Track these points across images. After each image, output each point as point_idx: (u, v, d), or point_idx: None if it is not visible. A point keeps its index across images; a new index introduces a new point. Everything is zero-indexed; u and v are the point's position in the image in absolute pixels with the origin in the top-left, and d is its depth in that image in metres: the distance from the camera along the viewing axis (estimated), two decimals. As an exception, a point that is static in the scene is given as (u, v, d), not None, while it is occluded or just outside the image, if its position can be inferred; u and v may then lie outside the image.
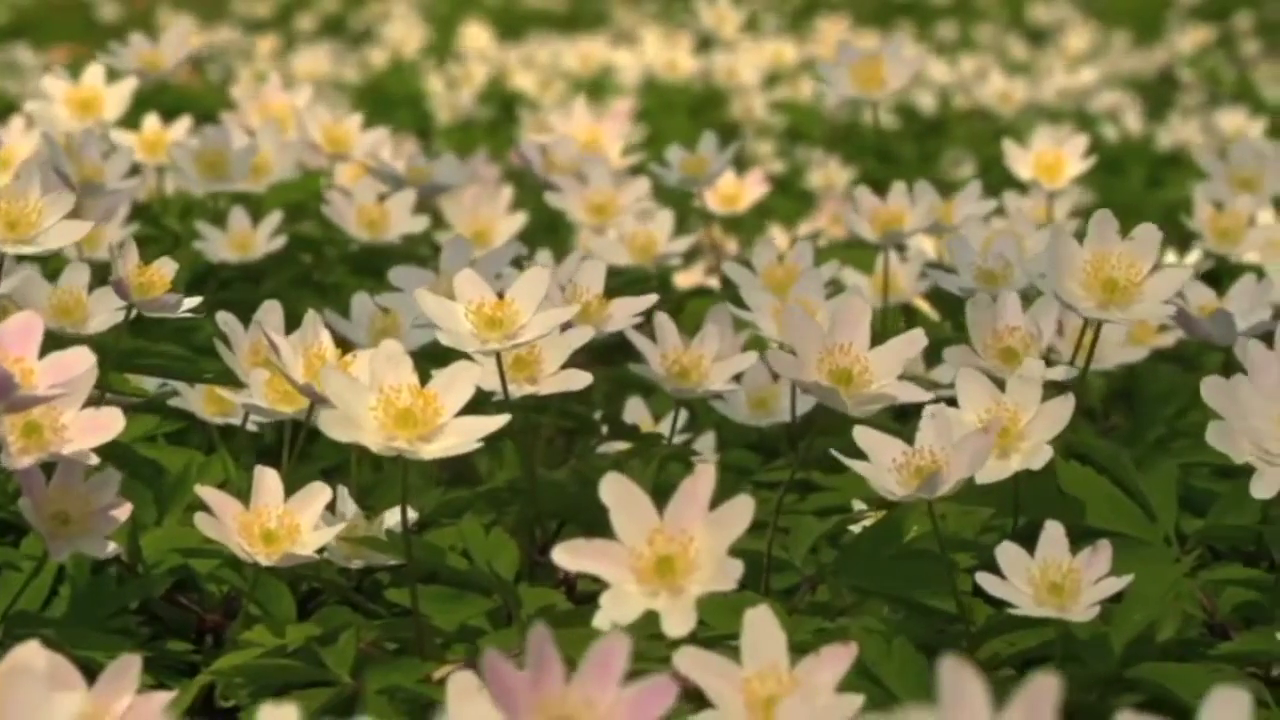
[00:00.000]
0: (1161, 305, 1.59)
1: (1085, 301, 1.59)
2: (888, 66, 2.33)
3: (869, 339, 1.48)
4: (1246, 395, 1.46)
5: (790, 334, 1.47)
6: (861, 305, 1.48)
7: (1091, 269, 1.58)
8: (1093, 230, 1.59)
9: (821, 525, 1.60)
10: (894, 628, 1.49)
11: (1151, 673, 1.46)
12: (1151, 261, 1.59)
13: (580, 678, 1.09)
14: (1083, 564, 1.42)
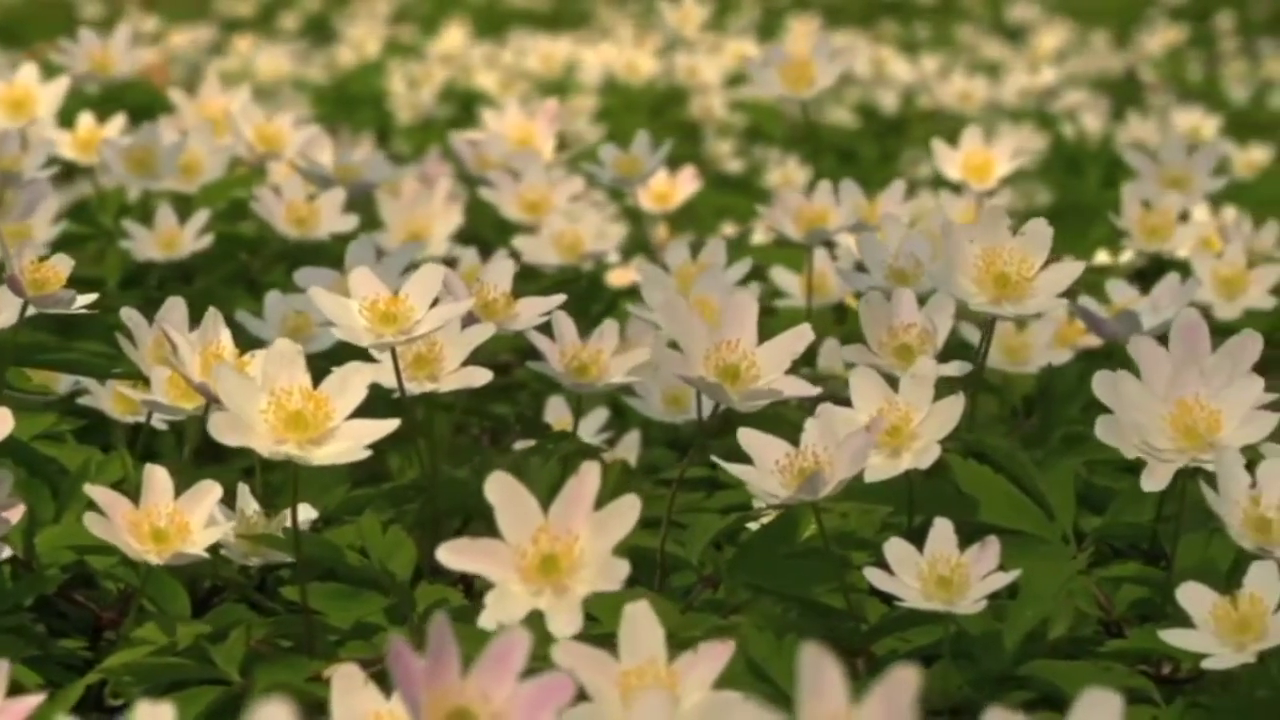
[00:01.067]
0: (1054, 300, 1.59)
1: (977, 297, 1.59)
2: (816, 66, 2.33)
3: (756, 335, 1.48)
4: (1132, 390, 1.46)
5: (676, 330, 1.47)
6: (749, 301, 1.49)
7: (983, 265, 1.59)
8: (983, 226, 1.59)
9: (718, 523, 1.60)
10: (786, 626, 1.49)
11: (1042, 670, 1.46)
12: (1043, 257, 1.59)
13: (478, 671, 1.10)
14: (971, 559, 1.42)
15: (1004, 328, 2.08)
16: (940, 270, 1.59)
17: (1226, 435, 1.45)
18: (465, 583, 1.62)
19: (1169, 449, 1.45)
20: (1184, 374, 1.46)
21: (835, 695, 0.97)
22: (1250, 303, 2.20)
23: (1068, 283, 1.59)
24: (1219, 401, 1.45)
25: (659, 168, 2.44)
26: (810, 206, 2.10)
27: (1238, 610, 1.35)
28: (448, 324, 1.58)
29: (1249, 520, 1.39)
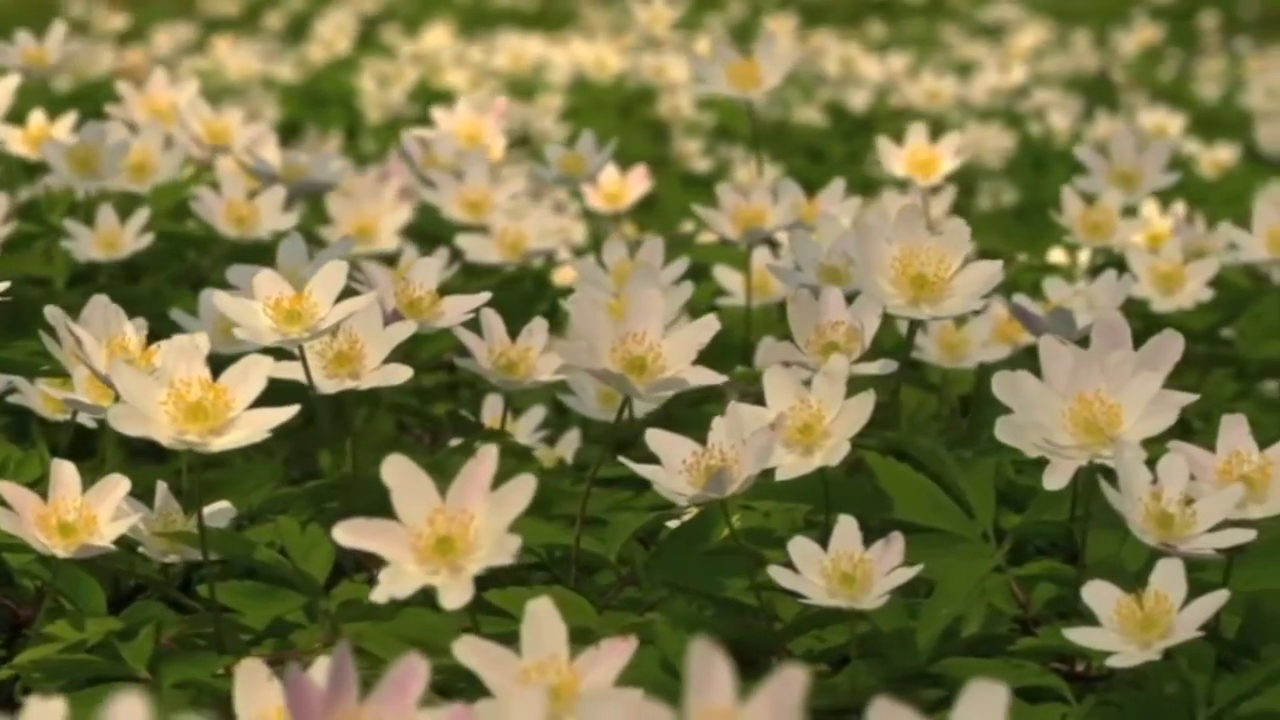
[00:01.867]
0: (972, 300, 1.59)
1: (895, 298, 1.59)
2: (762, 65, 2.33)
3: (663, 327, 1.49)
4: (1031, 389, 1.46)
5: (582, 324, 1.48)
6: (655, 295, 1.49)
7: (900, 265, 1.59)
8: (900, 226, 1.59)
9: (637, 521, 1.60)
10: (700, 624, 1.49)
11: (954, 668, 1.47)
12: (962, 257, 1.59)
13: (376, 698, 1.09)
14: (875, 556, 1.42)
15: (942, 325, 2.08)
16: (857, 271, 1.59)
17: (1127, 430, 1.45)
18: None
19: (1070, 445, 1.45)
20: (1085, 370, 1.46)
21: (723, 692, 0.98)
22: (1188, 297, 2.20)
23: (986, 283, 1.59)
24: (1119, 396, 1.46)
25: (604, 166, 2.44)
26: (747, 206, 2.11)
27: (1143, 608, 1.36)
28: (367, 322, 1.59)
29: (1151, 516, 1.40)
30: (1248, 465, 1.47)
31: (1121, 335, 1.60)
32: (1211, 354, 2.34)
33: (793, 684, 0.94)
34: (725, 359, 2.10)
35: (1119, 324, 1.61)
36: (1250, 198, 3.65)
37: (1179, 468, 1.42)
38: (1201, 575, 1.49)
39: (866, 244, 1.59)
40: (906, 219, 1.59)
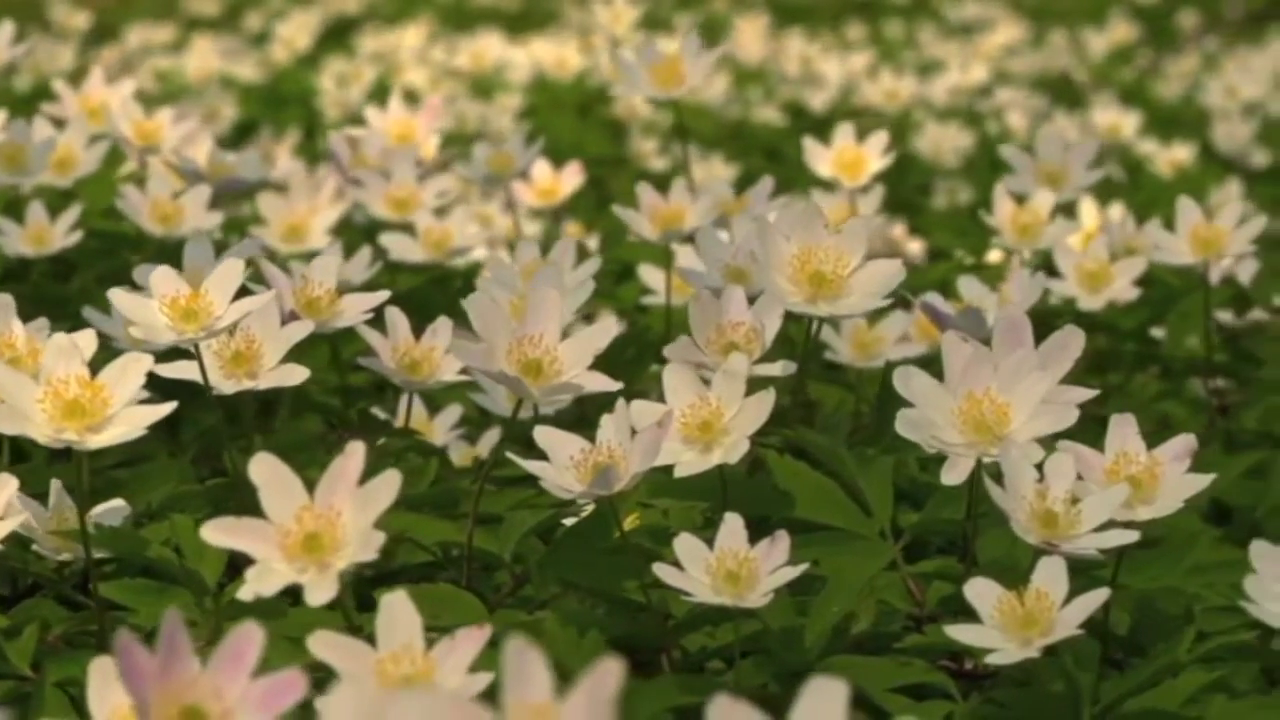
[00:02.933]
0: (872, 299, 1.59)
1: (793, 296, 1.59)
2: (686, 64, 2.33)
3: (560, 330, 1.48)
4: (924, 385, 1.46)
5: (480, 325, 1.47)
6: (554, 296, 1.49)
7: (798, 263, 1.58)
8: (800, 224, 1.59)
9: (532, 518, 1.60)
10: (590, 622, 1.49)
11: (840, 665, 1.46)
12: (860, 255, 1.59)
13: (211, 668, 1.10)
14: (760, 554, 1.42)
15: (855, 324, 2.08)
16: (756, 269, 1.58)
17: (1016, 429, 1.45)
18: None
19: (959, 443, 1.45)
20: (976, 368, 1.46)
21: (539, 688, 0.97)
22: (1114, 295, 2.20)
23: (885, 281, 1.59)
24: (1009, 395, 1.45)
25: (531, 164, 2.44)
26: (666, 206, 2.10)
27: (1024, 606, 1.35)
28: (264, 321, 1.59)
29: (1035, 515, 1.39)
30: (1135, 466, 1.46)
31: (1023, 334, 1.60)
32: (1138, 352, 2.34)
33: (608, 678, 0.94)
34: (644, 358, 2.11)
35: (1020, 323, 1.60)
36: (1205, 196, 3.66)
37: (1065, 467, 1.42)
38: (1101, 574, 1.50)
39: (766, 242, 1.59)
40: (805, 217, 1.59)
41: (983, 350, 1.47)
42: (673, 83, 2.32)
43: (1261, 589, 1.32)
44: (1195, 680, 1.41)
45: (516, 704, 0.96)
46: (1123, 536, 1.40)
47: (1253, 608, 1.31)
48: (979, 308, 1.87)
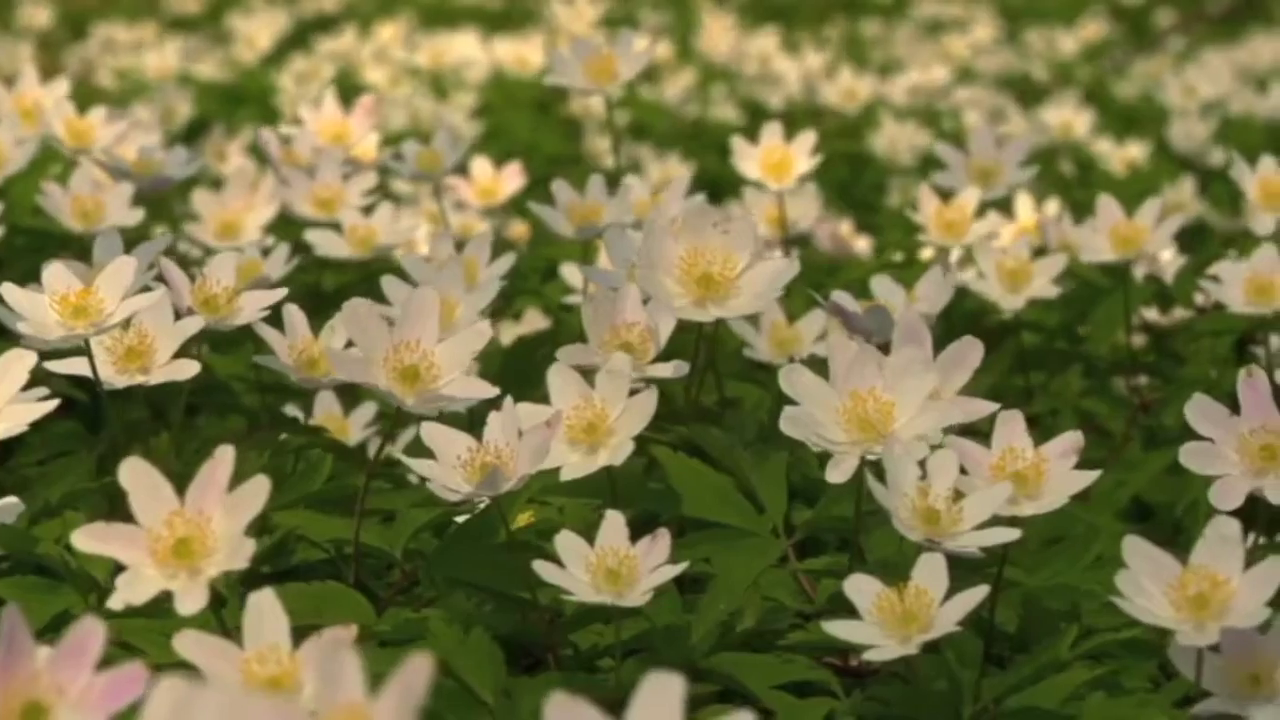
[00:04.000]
0: (760, 300, 1.59)
1: (681, 298, 1.59)
2: (618, 60, 2.33)
3: (437, 334, 1.47)
4: (808, 383, 1.46)
5: (353, 331, 1.47)
6: (431, 297, 1.48)
7: (686, 264, 1.58)
8: (688, 225, 1.59)
9: (424, 515, 1.59)
10: (477, 620, 1.49)
11: (724, 663, 1.47)
12: (749, 255, 1.59)
13: (53, 663, 1.09)
14: (641, 551, 1.42)
15: (773, 321, 2.08)
16: (643, 271, 1.58)
17: (900, 427, 1.45)
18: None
19: (843, 441, 1.45)
20: (861, 366, 1.46)
21: (351, 685, 0.97)
22: (1034, 294, 2.20)
23: (773, 281, 1.59)
24: (893, 394, 1.45)
25: (459, 162, 2.43)
26: (583, 204, 2.10)
27: (903, 602, 1.35)
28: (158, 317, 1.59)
29: (917, 512, 1.39)
30: (1021, 462, 1.46)
31: (920, 336, 1.60)
32: (1062, 351, 2.34)
33: (419, 673, 0.94)
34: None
35: (917, 325, 1.61)
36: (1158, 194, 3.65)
37: (948, 464, 1.42)
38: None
39: (652, 243, 1.58)
40: (694, 218, 1.59)
41: (868, 349, 1.48)
42: (605, 77, 2.32)
43: (1133, 585, 1.32)
44: (1076, 678, 1.41)
45: (327, 702, 0.96)
46: (1004, 534, 1.40)
47: (1124, 603, 1.31)
48: (884, 307, 1.86)
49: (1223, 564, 1.32)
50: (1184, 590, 1.31)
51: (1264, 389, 1.50)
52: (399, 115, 4.13)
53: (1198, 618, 1.31)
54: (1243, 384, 1.50)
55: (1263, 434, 1.49)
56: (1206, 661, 1.33)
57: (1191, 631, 1.31)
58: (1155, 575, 1.32)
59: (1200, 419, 1.50)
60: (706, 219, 1.58)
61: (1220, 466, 1.49)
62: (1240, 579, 1.32)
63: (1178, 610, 1.31)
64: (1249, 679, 1.32)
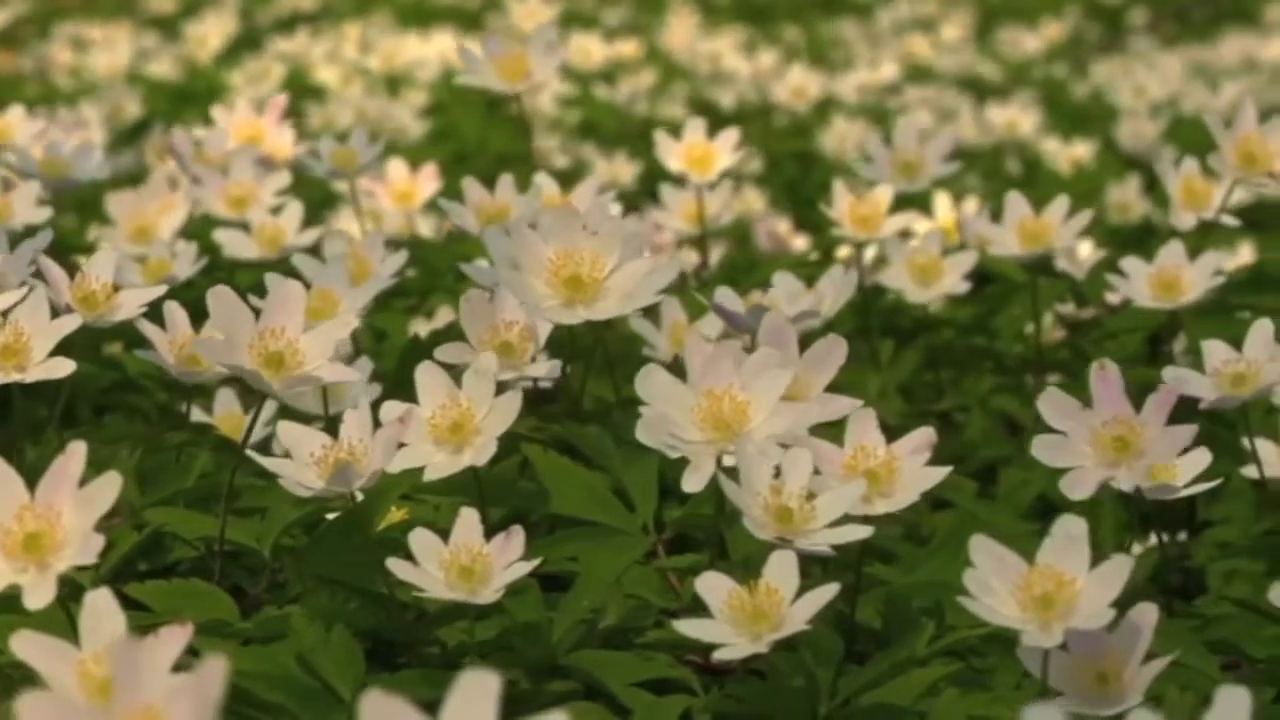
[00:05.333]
0: (630, 301, 1.59)
1: (550, 300, 1.59)
2: (532, 59, 2.33)
3: (303, 322, 1.48)
4: (663, 383, 1.46)
5: (219, 320, 1.47)
6: (296, 289, 1.49)
7: (555, 266, 1.58)
8: (556, 227, 1.59)
9: (293, 512, 1.59)
10: (340, 617, 1.49)
11: (584, 660, 1.47)
12: (617, 257, 1.59)
13: None
14: (495, 549, 1.42)
15: (674, 320, 2.08)
16: (508, 274, 1.58)
17: (755, 427, 1.45)
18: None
19: (698, 441, 1.45)
20: (716, 366, 1.45)
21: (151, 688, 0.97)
22: (944, 289, 2.20)
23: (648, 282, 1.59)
24: (748, 393, 1.45)
25: (374, 160, 2.43)
26: (492, 201, 2.11)
27: (754, 600, 1.35)
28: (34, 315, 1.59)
29: (770, 510, 1.39)
30: (874, 460, 1.46)
31: (784, 336, 1.60)
32: (973, 347, 2.34)
33: (214, 675, 0.94)
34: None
35: (783, 327, 1.61)
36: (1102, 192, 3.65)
37: (802, 462, 1.42)
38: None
39: (521, 245, 1.58)
40: (563, 220, 1.59)
41: (725, 347, 1.47)
42: (517, 76, 2.33)
43: (980, 583, 1.32)
44: (930, 674, 1.41)
45: (124, 705, 0.96)
46: (856, 531, 1.40)
47: (970, 603, 1.31)
48: (765, 306, 1.86)
49: (1069, 563, 1.32)
50: (1030, 590, 1.31)
51: (1116, 381, 1.51)
52: (346, 114, 4.13)
53: (1043, 617, 1.30)
54: (1095, 377, 1.51)
55: (1115, 425, 1.49)
56: (1056, 660, 1.33)
57: (1037, 631, 1.30)
58: (1002, 574, 1.32)
59: (1053, 412, 1.51)
60: (575, 221, 1.58)
61: (1072, 459, 1.50)
62: (1086, 578, 1.31)
63: (1023, 610, 1.31)
64: (1097, 678, 1.32)
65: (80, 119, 3.61)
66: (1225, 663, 1.52)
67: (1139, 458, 1.50)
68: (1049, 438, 1.50)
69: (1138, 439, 1.50)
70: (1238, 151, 2.08)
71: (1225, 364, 1.76)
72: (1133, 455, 1.50)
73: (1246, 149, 2.08)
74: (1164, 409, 1.51)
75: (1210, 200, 2.20)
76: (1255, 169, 2.08)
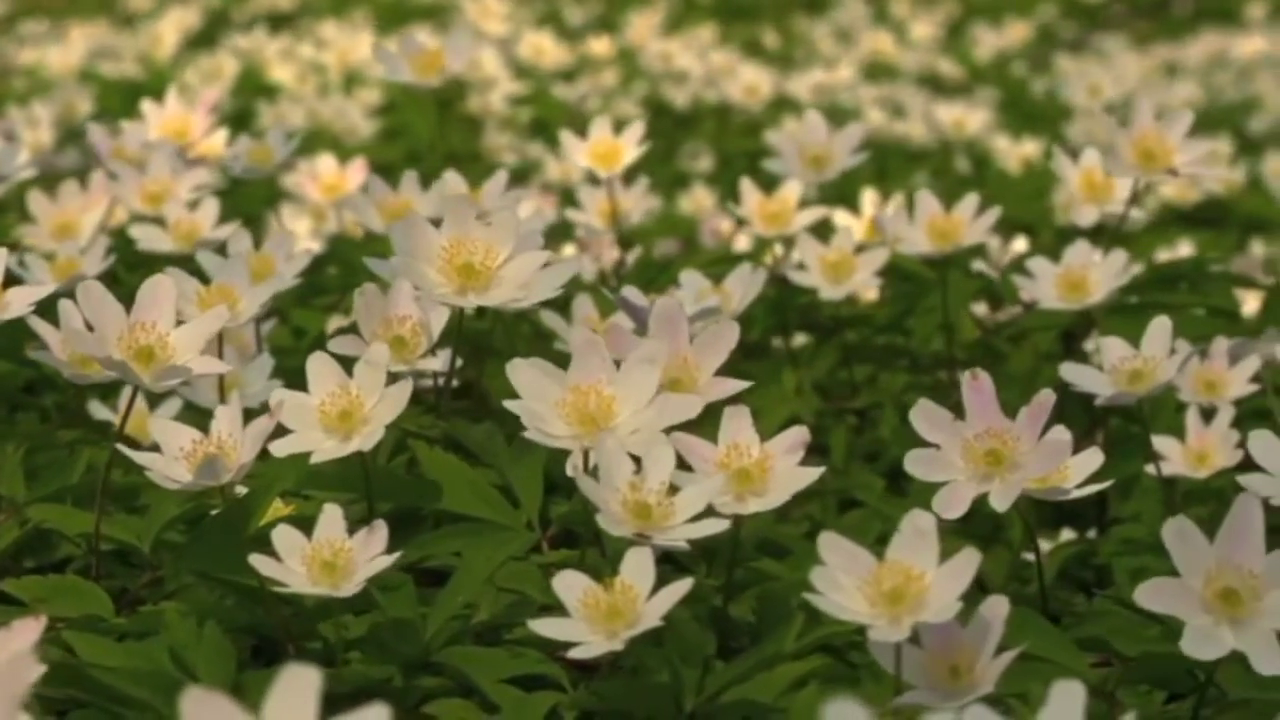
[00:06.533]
0: (523, 290, 1.59)
1: (442, 287, 1.59)
2: (447, 54, 2.34)
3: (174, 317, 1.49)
4: (532, 377, 1.47)
5: (90, 314, 1.48)
6: (167, 285, 1.51)
7: (448, 254, 1.59)
8: (449, 216, 1.59)
9: (173, 508, 1.60)
10: (215, 612, 1.49)
11: (455, 656, 1.47)
12: (510, 246, 1.59)
13: None
14: (358, 544, 1.42)
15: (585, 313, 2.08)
16: (401, 261, 1.59)
17: (621, 422, 1.45)
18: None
19: (564, 435, 1.46)
20: (584, 360, 1.46)
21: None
22: (855, 286, 2.20)
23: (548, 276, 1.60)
24: (616, 388, 1.46)
25: (290, 156, 2.44)
26: (395, 198, 2.11)
27: (609, 598, 1.36)
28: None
29: (628, 506, 1.40)
30: (747, 458, 1.47)
31: (677, 325, 1.61)
32: (887, 345, 2.34)
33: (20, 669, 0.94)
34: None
35: (674, 313, 1.61)
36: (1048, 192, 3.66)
37: (664, 458, 1.42)
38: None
39: (412, 234, 1.59)
40: (456, 209, 1.60)
41: (594, 342, 1.48)
42: (431, 71, 2.34)
43: (828, 580, 1.32)
44: (793, 670, 1.41)
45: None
46: (713, 526, 1.41)
47: (818, 599, 1.31)
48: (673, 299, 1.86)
49: (918, 558, 1.32)
50: (879, 585, 1.31)
51: (988, 392, 1.50)
52: (298, 113, 4.13)
53: (892, 612, 1.31)
54: (967, 387, 1.50)
55: (987, 438, 1.49)
56: (909, 654, 1.33)
57: (886, 626, 1.31)
58: (851, 570, 1.32)
59: (926, 425, 1.50)
60: (469, 211, 1.59)
61: (945, 472, 1.49)
62: (935, 573, 1.32)
63: (872, 605, 1.31)
64: (949, 671, 1.33)
65: (31, 117, 3.61)
66: (1097, 660, 1.52)
67: (1013, 471, 1.49)
68: (922, 452, 1.50)
69: (1010, 452, 1.49)
70: (1136, 149, 2.09)
71: (1122, 361, 1.77)
72: (1006, 468, 1.49)
73: (1144, 146, 2.08)
74: (1037, 421, 1.49)
75: (1111, 194, 2.21)
76: (1155, 166, 2.09)
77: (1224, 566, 1.35)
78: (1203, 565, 1.35)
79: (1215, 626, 1.34)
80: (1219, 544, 1.36)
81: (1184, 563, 1.36)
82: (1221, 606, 1.34)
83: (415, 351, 1.66)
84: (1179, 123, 2.11)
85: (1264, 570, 1.34)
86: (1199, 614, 1.35)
